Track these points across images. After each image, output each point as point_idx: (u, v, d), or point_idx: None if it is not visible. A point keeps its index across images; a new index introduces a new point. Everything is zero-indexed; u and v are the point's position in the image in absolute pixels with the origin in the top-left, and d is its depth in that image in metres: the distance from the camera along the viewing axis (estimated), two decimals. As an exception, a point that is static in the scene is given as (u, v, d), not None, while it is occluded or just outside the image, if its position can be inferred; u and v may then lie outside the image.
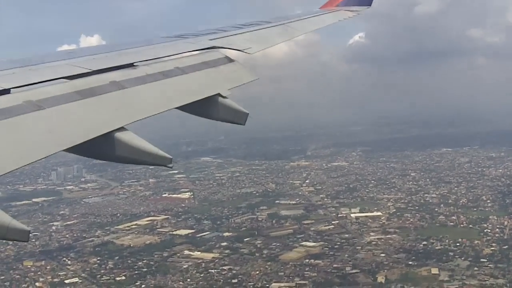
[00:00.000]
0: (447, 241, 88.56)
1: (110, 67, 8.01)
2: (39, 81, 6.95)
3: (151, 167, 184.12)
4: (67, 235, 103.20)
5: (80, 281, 79.51)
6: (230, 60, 9.83)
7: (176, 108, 7.87)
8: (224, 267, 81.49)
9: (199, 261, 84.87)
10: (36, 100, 6.26)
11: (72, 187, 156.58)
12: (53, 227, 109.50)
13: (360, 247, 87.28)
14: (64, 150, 5.88)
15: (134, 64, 8.45)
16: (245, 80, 9.52)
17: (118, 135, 6.35)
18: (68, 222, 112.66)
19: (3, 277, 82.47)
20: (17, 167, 5.27)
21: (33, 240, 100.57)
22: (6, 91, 6.39)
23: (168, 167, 6.82)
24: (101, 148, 6.35)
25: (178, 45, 10.23)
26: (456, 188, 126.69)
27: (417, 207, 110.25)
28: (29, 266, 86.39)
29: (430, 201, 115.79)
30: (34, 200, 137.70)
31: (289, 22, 13.67)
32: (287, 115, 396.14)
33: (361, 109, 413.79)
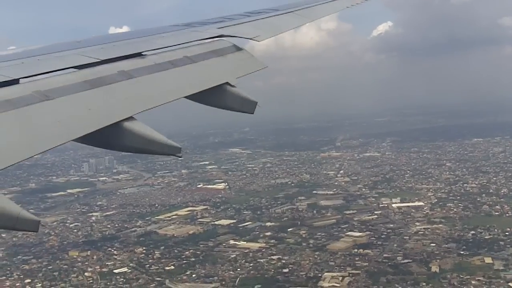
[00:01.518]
0: (495, 230, 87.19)
1: (118, 57, 8.00)
2: (48, 71, 6.97)
3: (180, 158, 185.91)
4: (109, 225, 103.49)
5: (129, 270, 79.47)
6: (238, 49, 9.76)
7: (185, 97, 7.82)
8: (273, 257, 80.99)
9: (246, 251, 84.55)
10: (45, 90, 6.26)
11: (105, 178, 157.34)
12: (93, 218, 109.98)
13: (407, 237, 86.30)
14: (73, 140, 5.91)
15: (142, 53, 8.42)
16: (253, 68, 9.44)
17: (127, 124, 6.34)
18: (107, 213, 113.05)
19: (50, 267, 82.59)
20: (27, 157, 5.25)
21: (75, 230, 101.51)
22: (15, 81, 6.36)
23: (177, 156, 6.76)
24: (110, 138, 6.37)
25: (186, 34, 10.15)
26: (494, 178, 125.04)
27: (458, 197, 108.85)
28: (75, 256, 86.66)
29: (471, 191, 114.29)
30: (69, 191, 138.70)
31: (297, 9, 13.51)
32: (312, 106, 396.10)
33: (385, 99, 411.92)
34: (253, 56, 9.75)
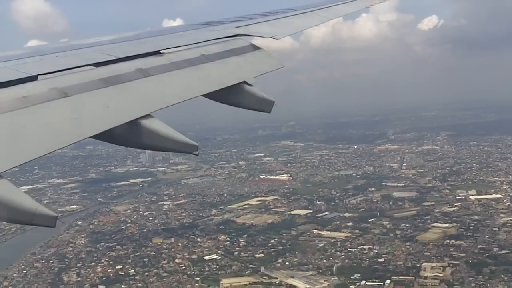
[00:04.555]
0: None
1: (136, 55, 8.05)
2: (66, 68, 7.01)
3: (234, 149, 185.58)
4: (183, 214, 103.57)
5: (219, 257, 79.18)
6: (256, 48, 9.79)
7: (202, 95, 7.80)
8: (363, 247, 79.90)
9: (332, 240, 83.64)
10: (62, 87, 6.31)
11: (164, 168, 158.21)
12: (165, 206, 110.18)
13: (497, 229, 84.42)
14: (90, 137, 5.93)
15: (160, 51, 8.50)
16: (271, 67, 9.45)
17: (144, 122, 6.36)
18: (178, 202, 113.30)
19: (138, 253, 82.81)
20: (44, 153, 5.25)
21: (151, 218, 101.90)
22: (33, 78, 6.44)
23: (194, 154, 6.68)
24: (127, 136, 6.39)
25: (204, 33, 10.28)
26: None
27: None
28: (159, 244, 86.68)
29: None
30: (132, 181, 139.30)
31: (316, 9, 13.53)
32: (355, 101, 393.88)
33: (431, 94, 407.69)
34: (271, 55, 9.73)
